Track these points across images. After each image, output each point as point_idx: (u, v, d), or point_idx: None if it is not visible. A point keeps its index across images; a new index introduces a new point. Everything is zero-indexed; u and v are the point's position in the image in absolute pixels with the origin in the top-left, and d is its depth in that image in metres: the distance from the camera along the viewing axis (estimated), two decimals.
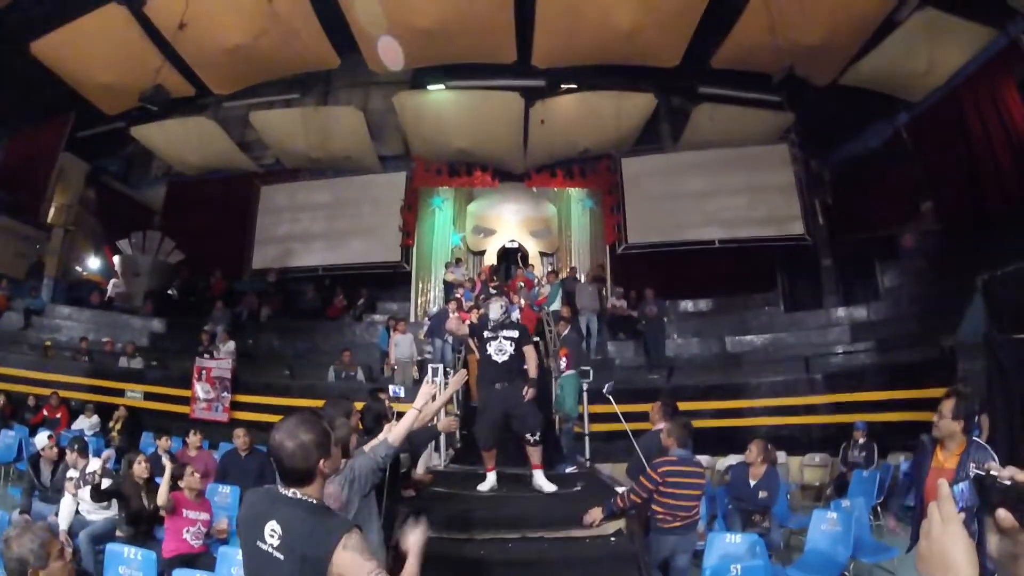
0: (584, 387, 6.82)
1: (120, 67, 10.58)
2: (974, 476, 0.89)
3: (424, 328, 9.72)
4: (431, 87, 12.02)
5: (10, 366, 9.63)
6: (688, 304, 12.17)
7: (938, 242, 10.21)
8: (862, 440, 6.94)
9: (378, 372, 9.69)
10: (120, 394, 9.21)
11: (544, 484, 4.49)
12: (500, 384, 4.59)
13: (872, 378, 8.16)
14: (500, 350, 4.60)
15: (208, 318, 11.09)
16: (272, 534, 1.64)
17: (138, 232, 13.61)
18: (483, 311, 5.39)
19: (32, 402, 8.82)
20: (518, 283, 11.18)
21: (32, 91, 11.21)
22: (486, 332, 4.70)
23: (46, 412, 8.55)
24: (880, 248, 10.80)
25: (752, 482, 4.86)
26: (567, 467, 5.82)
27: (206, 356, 9.38)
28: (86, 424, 8.35)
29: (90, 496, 4.65)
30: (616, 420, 5.59)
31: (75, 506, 4.87)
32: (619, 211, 12.31)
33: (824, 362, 9.32)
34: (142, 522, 4.54)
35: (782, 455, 7.39)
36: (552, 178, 12.99)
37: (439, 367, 7.32)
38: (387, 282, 12.82)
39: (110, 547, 3.84)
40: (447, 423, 3.81)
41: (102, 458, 4.82)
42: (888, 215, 11.08)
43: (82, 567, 4.18)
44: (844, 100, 11.00)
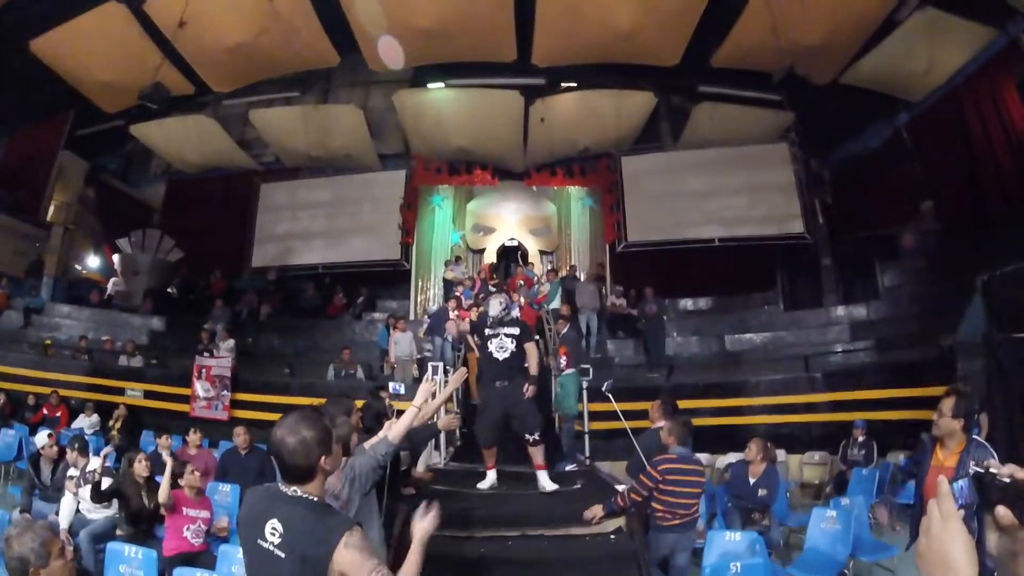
0: (584, 385, 6.84)
1: (119, 65, 10.57)
2: (973, 474, 0.90)
3: (424, 326, 9.72)
4: (431, 85, 12.01)
5: (10, 365, 9.62)
6: (688, 303, 12.16)
7: (938, 242, 10.22)
8: (862, 438, 6.94)
9: (378, 370, 9.69)
10: (120, 393, 9.21)
11: (546, 484, 4.47)
12: (500, 382, 4.56)
13: (872, 377, 8.16)
14: (501, 347, 4.57)
15: (208, 316, 11.09)
16: (273, 532, 1.64)
17: (138, 230, 13.60)
18: (483, 308, 5.39)
19: (32, 401, 8.82)
20: (518, 281, 11.19)
21: (31, 89, 11.20)
22: (487, 329, 4.68)
23: (46, 411, 8.54)
24: (880, 247, 10.80)
25: (752, 480, 4.87)
26: (567, 465, 5.82)
27: (206, 354, 9.39)
28: (86, 423, 8.34)
29: (90, 496, 4.65)
30: (616, 418, 5.61)
31: (75, 505, 4.86)
32: (619, 210, 12.30)
33: (824, 361, 9.34)
34: (142, 521, 4.54)
35: (782, 453, 7.40)
36: (552, 176, 12.98)
37: (439, 365, 7.33)
38: (387, 280, 12.81)
39: (111, 546, 3.83)
40: (447, 421, 3.82)
41: (101, 456, 4.81)
42: (888, 214, 11.09)
43: (83, 566, 4.18)
44: (844, 99, 11.01)
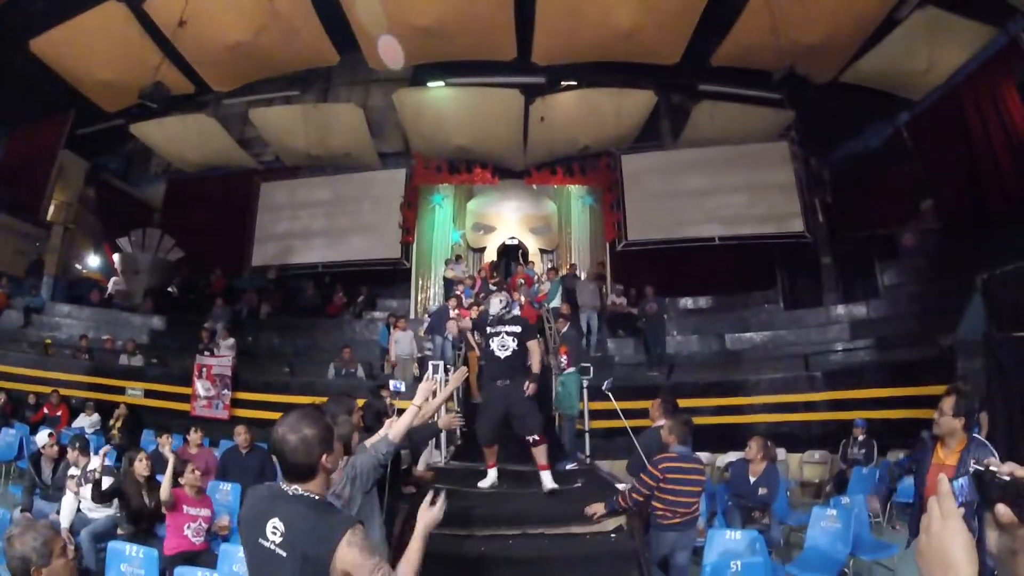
0: (584, 384, 6.84)
1: (120, 64, 10.57)
2: (973, 472, 0.89)
3: (424, 325, 9.73)
4: (431, 84, 11.99)
5: (10, 364, 9.62)
6: (688, 301, 12.15)
7: (938, 241, 10.23)
8: (862, 437, 6.94)
9: (378, 369, 9.70)
10: (120, 392, 9.22)
11: (549, 484, 4.43)
12: (501, 381, 4.54)
13: (872, 376, 8.17)
14: (502, 346, 4.55)
15: (208, 315, 11.09)
16: (274, 531, 1.64)
17: (138, 230, 13.60)
18: (483, 307, 5.38)
19: (32, 400, 8.82)
20: (518, 280, 11.18)
21: (31, 89, 11.20)
22: (488, 328, 4.67)
23: (46, 410, 8.54)
24: (880, 246, 10.80)
25: (752, 479, 4.87)
26: (567, 464, 5.82)
27: (206, 353, 9.40)
28: (86, 422, 8.34)
29: (91, 496, 4.66)
30: (616, 417, 5.61)
31: (76, 504, 4.86)
32: (619, 208, 12.29)
33: (824, 360, 9.35)
34: (143, 520, 4.54)
35: (782, 452, 7.41)
36: (552, 175, 12.97)
37: (439, 364, 7.35)
38: (387, 279, 12.80)
39: (112, 545, 3.83)
40: (448, 420, 3.81)
41: (99, 454, 4.81)
42: (888, 213, 11.09)
43: (84, 565, 4.19)
44: (844, 98, 11.00)
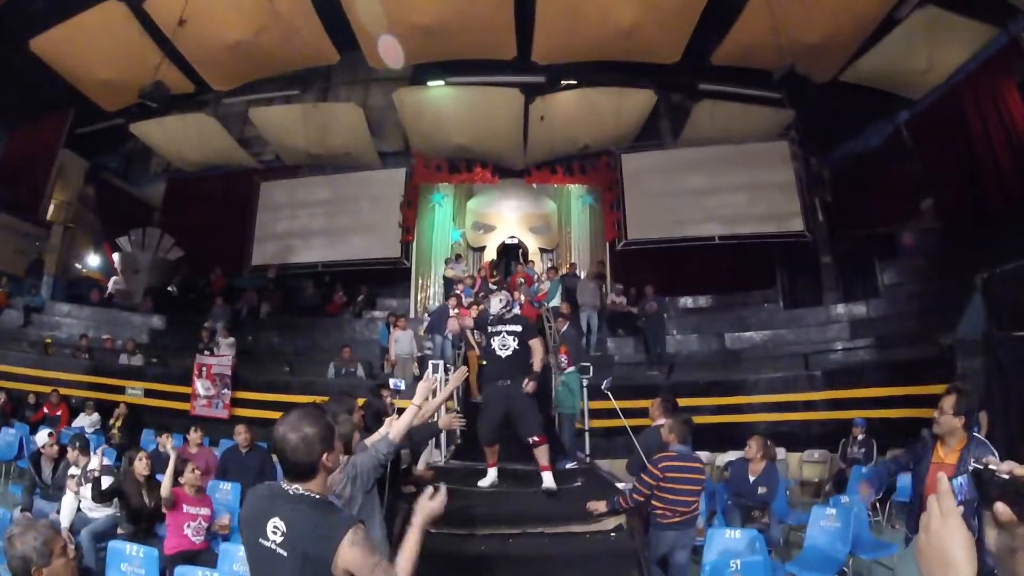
0: (584, 383, 6.84)
1: (119, 64, 10.57)
2: (972, 470, 0.89)
3: (424, 324, 9.73)
4: (431, 83, 11.98)
5: (10, 364, 9.62)
6: (688, 300, 12.15)
7: (938, 240, 10.23)
8: (861, 436, 6.95)
9: (378, 368, 9.70)
10: (120, 391, 9.22)
11: (550, 485, 4.40)
12: (502, 381, 4.53)
13: (871, 375, 8.17)
14: (503, 345, 4.54)
15: (208, 315, 11.09)
16: (275, 531, 1.64)
17: (138, 229, 13.60)
18: (483, 306, 5.37)
19: (32, 400, 8.82)
20: (518, 279, 11.19)
21: (31, 88, 11.20)
22: (489, 327, 4.66)
23: (46, 410, 8.54)
24: (880, 246, 10.80)
25: (751, 478, 4.87)
26: (567, 463, 5.82)
27: (206, 353, 9.40)
28: (86, 422, 8.34)
29: (91, 496, 4.66)
30: (615, 416, 5.62)
31: (77, 504, 4.86)
32: (619, 207, 12.28)
33: (823, 359, 9.36)
34: (143, 519, 4.54)
35: (781, 451, 7.41)
36: (552, 174, 12.96)
37: (439, 363, 7.35)
38: (387, 278, 12.81)
39: (112, 544, 3.84)
40: (448, 420, 3.80)
41: (97, 453, 4.81)
42: (888, 213, 11.09)
43: (84, 565, 4.19)
44: (844, 97, 11.00)
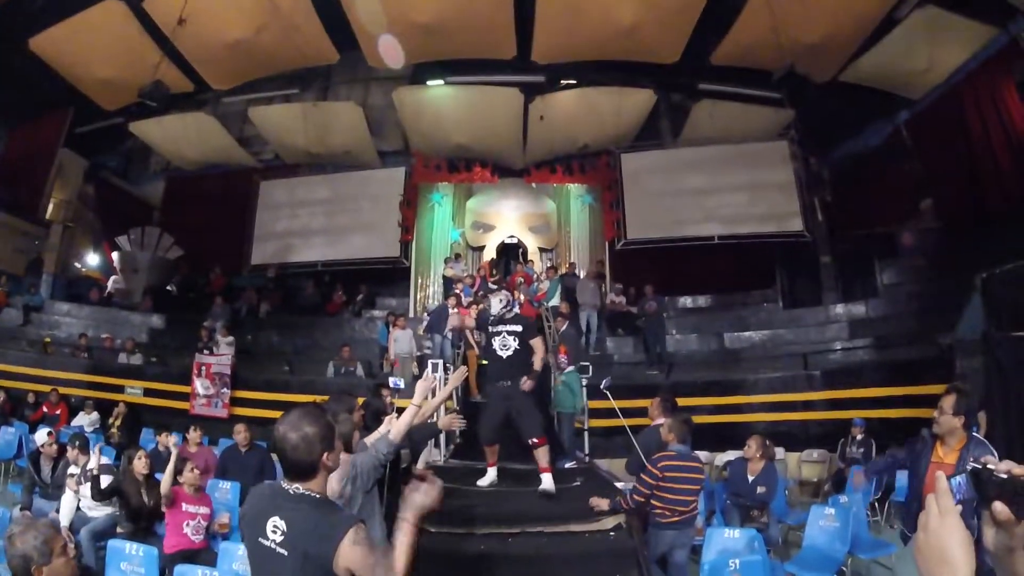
0: (583, 382, 6.85)
1: (119, 63, 10.57)
2: (970, 469, 0.90)
3: (423, 323, 9.73)
4: (430, 83, 11.97)
5: (9, 363, 9.62)
6: (687, 300, 12.15)
7: (937, 240, 10.24)
8: (860, 436, 6.95)
9: (377, 368, 9.71)
10: (120, 390, 9.21)
11: (548, 487, 4.37)
12: (503, 382, 4.53)
13: (870, 375, 8.17)
14: (504, 346, 4.54)
15: (207, 314, 11.09)
16: (275, 530, 1.64)
17: (137, 228, 13.60)
18: (483, 306, 5.37)
19: (31, 399, 8.81)
20: (517, 279, 11.18)
21: (31, 87, 11.20)
22: (490, 327, 4.66)
23: (46, 409, 8.54)
24: (879, 245, 10.80)
25: (750, 478, 4.88)
26: (566, 462, 5.82)
27: (206, 352, 9.39)
28: (86, 421, 8.34)
29: (91, 494, 4.66)
30: (615, 416, 5.62)
31: (76, 503, 4.87)
32: (618, 207, 12.28)
33: (822, 359, 9.36)
34: (142, 518, 4.54)
35: (780, 451, 7.42)
36: (551, 174, 12.95)
37: (438, 363, 7.35)
38: (386, 278, 12.80)
39: (111, 543, 3.84)
40: (448, 421, 3.79)
41: (95, 450, 4.81)
42: (887, 212, 11.10)
43: (83, 563, 4.19)
44: (844, 97, 11.01)
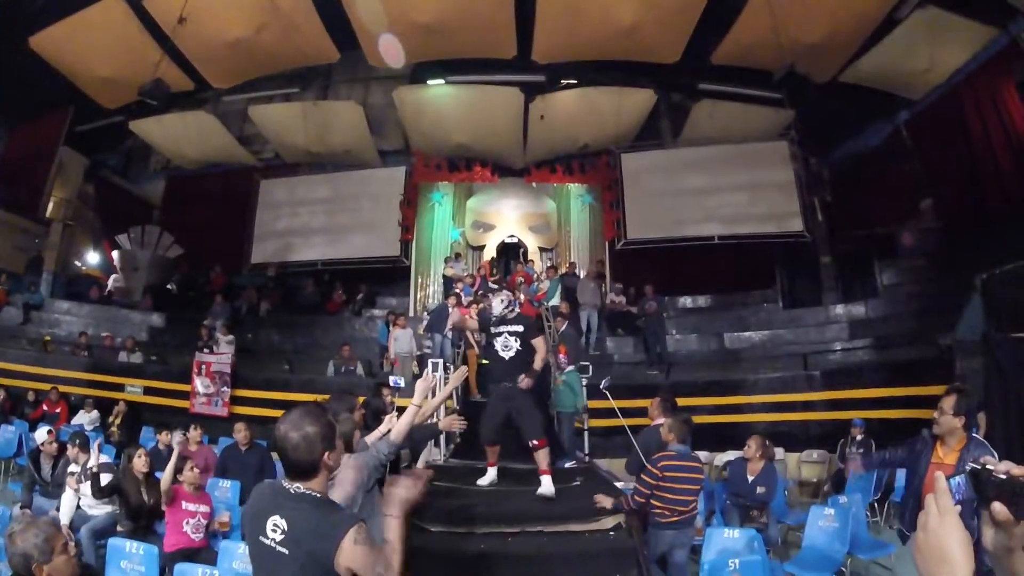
0: (583, 382, 6.85)
1: (119, 61, 10.57)
2: (969, 470, 0.90)
3: (423, 323, 9.73)
4: (431, 82, 11.98)
5: (9, 361, 9.62)
6: (687, 300, 12.16)
7: (937, 240, 10.25)
8: (860, 437, 6.95)
9: (377, 367, 9.71)
10: (120, 389, 9.21)
11: (546, 490, 4.32)
12: (505, 383, 4.52)
13: (870, 375, 8.17)
14: (506, 347, 4.53)
15: (207, 313, 11.09)
16: (275, 529, 1.65)
17: (137, 226, 13.60)
18: (483, 305, 5.36)
19: (31, 397, 8.81)
20: (517, 278, 11.18)
21: (31, 86, 11.20)
22: (492, 328, 4.66)
23: (45, 407, 8.54)
24: (879, 246, 10.81)
25: (750, 478, 4.88)
26: (566, 462, 5.83)
27: (206, 351, 9.39)
28: (86, 419, 8.34)
29: (91, 492, 4.67)
30: (614, 416, 5.62)
31: (76, 501, 4.87)
32: (618, 207, 12.28)
33: (822, 359, 9.37)
34: (142, 517, 4.55)
35: (780, 451, 7.42)
36: (552, 174, 12.96)
37: (438, 362, 7.35)
38: (386, 277, 12.80)
39: (112, 542, 3.85)
40: (448, 422, 3.78)
41: (95, 447, 4.82)
42: (887, 213, 11.11)
43: (84, 562, 4.20)
44: (844, 97, 11.01)
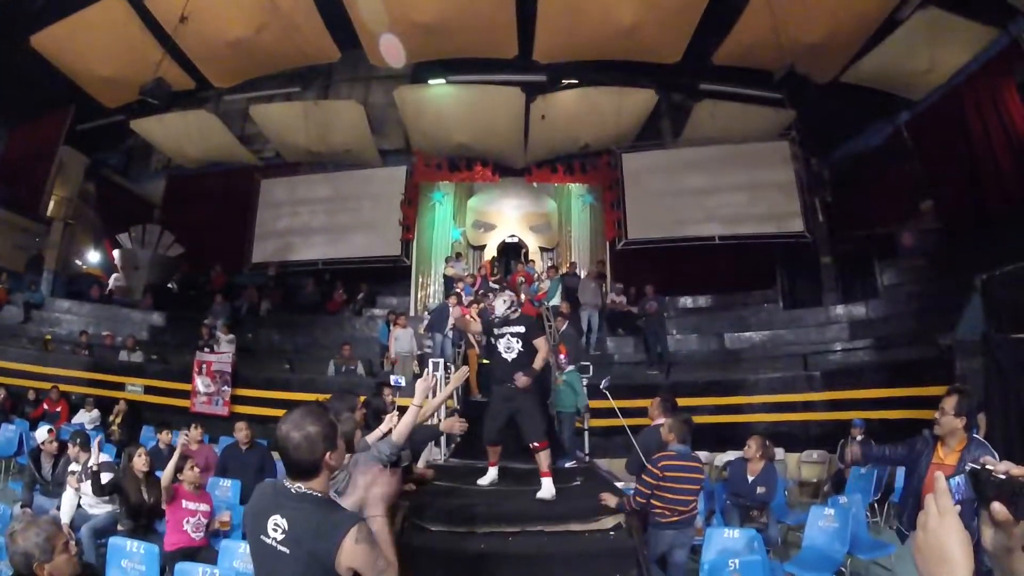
0: (584, 382, 6.86)
1: (120, 60, 10.57)
2: (969, 470, 0.91)
3: (424, 322, 9.73)
4: (432, 82, 11.97)
5: (10, 360, 9.64)
6: (687, 300, 12.17)
7: (937, 241, 10.25)
8: (860, 437, 6.93)
9: (378, 366, 9.71)
10: (120, 388, 9.22)
11: (546, 493, 4.28)
12: (507, 384, 4.51)
13: (870, 376, 8.18)
14: (508, 348, 4.53)
15: (208, 312, 11.10)
16: (276, 528, 1.65)
17: (138, 226, 13.61)
18: (484, 305, 5.37)
19: (32, 396, 8.82)
20: (518, 278, 11.18)
21: (32, 85, 11.20)
22: (495, 329, 4.66)
23: (46, 406, 8.55)
24: (879, 246, 10.81)
25: (750, 478, 4.88)
26: (566, 462, 5.83)
27: (206, 350, 9.40)
28: (86, 418, 8.35)
29: (92, 491, 4.67)
30: (614, 416, 5.63)
31: (77, 500, 4.87)
32: (619, 207, 12.28)
33: (822, 359, 9.38)
34: (142, 515, 4.55)
35: (780, 451, 7.43)
36: (552, 173, 12.95)
37: (439, 361, 7.35)
38: (387, 276, 12.80)
39: (112, 541, 3.85)
40: (449, 424, 3.78)
41: (95, 444, 4.82)
42: (888, 213, 11.10)
43: (84, 561, 4.20)
44: (845, 98, 11.01)
